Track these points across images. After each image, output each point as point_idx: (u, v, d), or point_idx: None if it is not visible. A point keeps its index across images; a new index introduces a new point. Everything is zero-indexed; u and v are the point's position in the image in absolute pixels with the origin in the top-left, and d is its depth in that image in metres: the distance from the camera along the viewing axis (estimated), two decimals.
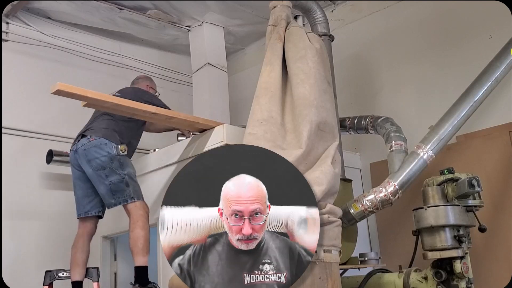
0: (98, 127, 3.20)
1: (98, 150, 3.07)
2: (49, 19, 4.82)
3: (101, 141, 3.11)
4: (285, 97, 2.84)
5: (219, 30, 5.28)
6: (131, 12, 4.77)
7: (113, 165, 3.06)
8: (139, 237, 2.96)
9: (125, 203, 3.06)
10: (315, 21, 3.76)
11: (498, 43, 3.54)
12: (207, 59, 5.08)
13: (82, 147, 3.13)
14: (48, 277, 3.22)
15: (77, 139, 3.25)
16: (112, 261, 4.20)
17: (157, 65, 5.60)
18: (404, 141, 3.38)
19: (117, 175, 3.05)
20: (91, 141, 3.11)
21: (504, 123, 3.71)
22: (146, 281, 2.98)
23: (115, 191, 3.05)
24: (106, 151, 3.07)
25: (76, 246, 3.19)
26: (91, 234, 3.27)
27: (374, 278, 3.16)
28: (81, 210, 3.24)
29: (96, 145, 3.09)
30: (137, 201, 3.07)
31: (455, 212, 2.83)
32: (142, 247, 2.96)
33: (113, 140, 3.14)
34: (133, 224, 3.01)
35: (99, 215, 3.28)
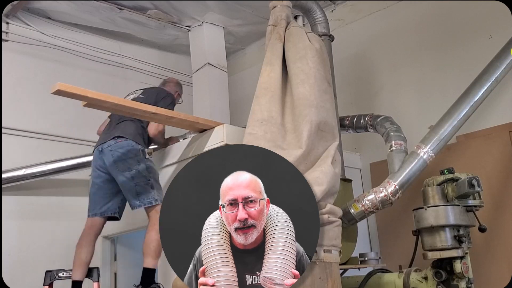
0: (126, 129, 3.21)
1: (126, 152, 3.09)
2: (49, 19, 4.83)
3: (129, 143, 3.13)
4: (285, 97, 2.84)
5: (219, 30, 5.29)
6: (131, 12, 4.77)
7: (140, 167, 3.08)
8: (153, 240, 2.97)
9: (150, 205, 3.07)
10: (315, 21, 3.76)
11: (498, 43, 3.54)
12: (207, 59, 5.09)
13: (108, 148, 3.13)
14: (48, 277, 3.22)
15: (103, 139, 3.24)
16: (112, 261, 4.20)
17: (157, 65, 5.61)
18: (404, 141, 3.38)
19: (143, 177, 3.07)
20: (119, 143, 3.13)
21: (504, 123, 3.71)
22: (150, 283, 2.99)
23: (140, 192, 3.06)
24: (133, 153, 3.10)
25: (82, 244, 3.17)
26: (97, 233, 3.26)
27: (374, 278, 3.16)
28: (96, 210, 3.22)
29: (123, 146, 3.11)
30: (159, 204, 3.07)
31: (455, 212, 2.83)
32: (154, 250, 2.97)
33: (140, 143, 3.17)
34: (151, 226, 3.03)
35: (115, 215, 3.27)
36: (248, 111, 2.78)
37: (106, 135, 3.26)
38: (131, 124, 3.25)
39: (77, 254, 3.16)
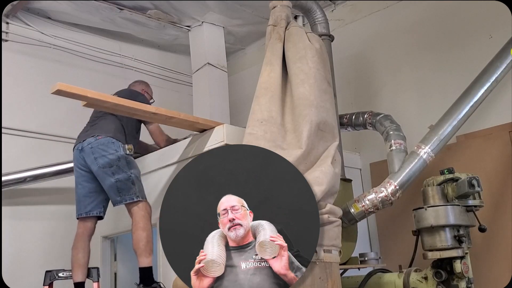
0: (105, 127, 3.22)
1: (106, 149, 3.10)
2: (49, 19, 4.82)
3: (109, 139, 3.13)
4: (285, 97, 2.84)
5: (219, 30, 5.29)
6: (131, 12, 4.77)
7: (120, 163, 3.08)
8: (141, 239, 2.98)
9: (131, 201, 3.07)
10: (315, 21, 3.76)
11: (498, 43, 3.54)
12: (207, 59, 5.08)
13: (88, 145, 3.14)
14: (48, 277, 3.22)
15: (82, 138, 3.25)
16: (112, 261, 4.20)
17: (157, 65, 5.60)
18: (404, 140, 3.38)
19: (124, 173, 3.07)
20: (99, 140, 3.13)
21: (504, 123, 3.71)
22: (150, 281, 2.99)
23: (121, 188, 3.06)
24: (114, 149, 3.10)
25: (77, 246, 3.18)
26: (90, 234, 3.26)
27: (374, 278, 3.16)
28: (82, 210, 3.24)
29: (104, 143, 3.11)
30: (141, 201, 3.09)
31: (455, 212, 2.83)
32: (144, 248, 2.98)
33: (120, 139, 3.17)
34: (135, 226, 3.03)
35: (100, 215, 3.28)
36: (248, 111, 2.78)
37: (86, 133, 3.27)
38: (110, 121, 3.26)
39: (73, 257, 3.17)
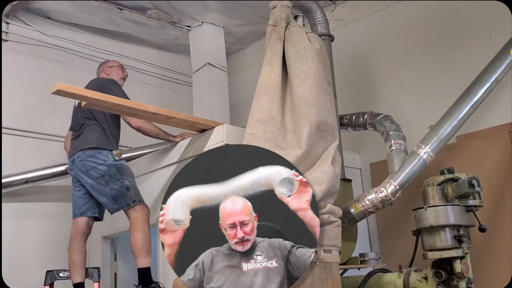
0: (88, 137, 3.20)
1: (95, 160, 3.10)
2: (49, 19, 4.82)
3: (95, 151, 3.13)
4: (285, 97, 2.84)
5: (219, 30, 5.28)
6: (131, 12, 4.77)
7: (111, 171, 3.09)
8: (139, 240, 2.99)
9: (128, 207, 3.08)
10: (315, 21, 3.76)
11: (498, 43, 3.54)
12: (207, 59, 5.08)
13: (78, 159, 3.16)
14: (49, 277, 3.22)
15: (71, 152, 3.25)
16: (112, 261, 4.20)
17: (157, 65, 5.60)
18: (404, 140, 3.38)
19: (117, 180, 3.08)
20: (86, 152, 3.14)
21: (504, 123, 3.71)
22: (149, 282, 3.00)
23: (116, 196, 3.08)
24: (102, 159, 3.10)
25: (71, 248, 3.19)
26: (85, 234, 3.25)
27: (374, 278, 3.16)
28: (76, 211, 3.25)
29: (92, 155, 3.12)
30: (138, 204, 3.10)
31: (455, 212, 2.83)
32: (141, 249, 2.99)
33: (106, 146, 3.16)
34: (132, 227, 3.05)
35: (96, 216, 3.28)
36: (248, 111, 2.78)
37: (73, 146, 3.27)
38: (92, 129, 3.22)
39: (70, 258, 3.17)
